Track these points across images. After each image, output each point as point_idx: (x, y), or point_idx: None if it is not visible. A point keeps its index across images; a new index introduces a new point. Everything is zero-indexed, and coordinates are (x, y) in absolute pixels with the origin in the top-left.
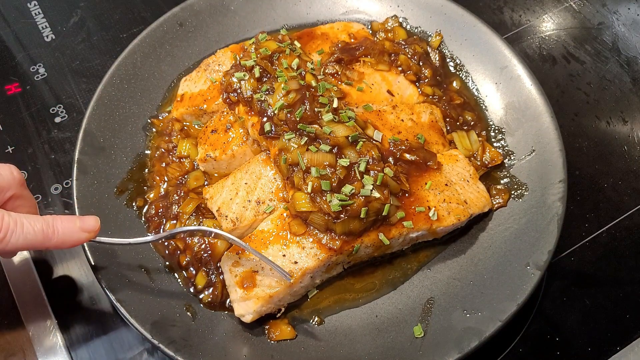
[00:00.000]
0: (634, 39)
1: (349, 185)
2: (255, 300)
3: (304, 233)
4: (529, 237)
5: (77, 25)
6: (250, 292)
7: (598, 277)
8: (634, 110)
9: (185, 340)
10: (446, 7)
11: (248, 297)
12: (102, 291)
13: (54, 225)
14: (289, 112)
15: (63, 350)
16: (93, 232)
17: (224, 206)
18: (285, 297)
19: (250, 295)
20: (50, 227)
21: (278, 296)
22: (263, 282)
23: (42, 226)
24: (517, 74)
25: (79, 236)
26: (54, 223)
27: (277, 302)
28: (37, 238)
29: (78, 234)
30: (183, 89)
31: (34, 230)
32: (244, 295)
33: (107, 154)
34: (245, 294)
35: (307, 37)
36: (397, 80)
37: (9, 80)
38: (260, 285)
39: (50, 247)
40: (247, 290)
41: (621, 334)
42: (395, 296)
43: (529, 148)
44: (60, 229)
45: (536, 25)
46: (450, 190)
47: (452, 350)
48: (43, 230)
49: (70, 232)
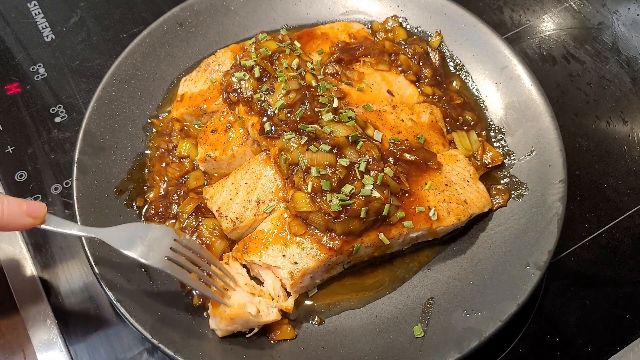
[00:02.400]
0: (634, 39)
1: (349, 185)
2: (220, 319)
3: (304, 233)
4: (529, 237)
5: (77, 25)
6: (217, 310)
7: (598, 277)
8: (634, 110)
9: (185, 340)
10: (446, 7)
11: (215, 314)
12: (102, 291)
13: (0, 205)
14: (289, 112)
15: (63, 350)
16: (38, 218)
17: (224, 206)
18: (249, 321)
19: (216, 313)
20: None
21: (240, 318)
22: (230, 300)
23: None
24: (517, 74)
25: (23, 220)
26: (1, 203)
27: (241, 323)
28: None
29: (23, 218)
30: (183, 89)
31: None
32: (213, 310)
33: (107, 154)
34: (214, 310)
35: (307, 37)
36: (397, 80)
37: (9, 80)
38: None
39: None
40: (216, 306)
41: (621, 334)
42: (395, 296)
43: (529, 148)
44: (6, 211)
45: (536, 25)
46: (450, 190)
47: (452, 350)
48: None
49: (16, 215)
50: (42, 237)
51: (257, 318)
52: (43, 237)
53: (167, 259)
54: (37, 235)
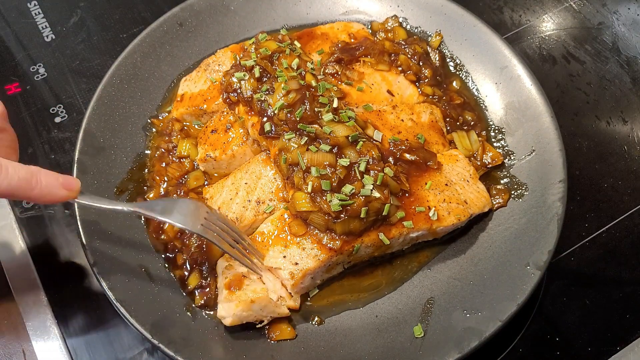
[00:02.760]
0: (634, 39)
1: (349, 185)
2: (237, 302)
3: (304, 234)
4: (529, 237)
5: (77, 25)
6: (233, 295)
7: (598, 277)
8: (634, 110)
9: (185, 340)
10: (446, 7)
11: (230, 299)
12: (102, 291)
13: (38, 176)
14: (289, 112)
15: (63, 350)
16: (73, 191)
17: (224, 206)
18: (267, 306)
19: (232, 298)
20: (35, 177)
21: (260, 303)
22: (249, 287)
23: (25, 174)
24: (517, 74)
25: (59, 192)
26: (39, 174)
27: (258, 310)
28: (21, 185)
29: (59, 189)
30: (183, 89)
31: (18, 177)
32: (228, 296)
33: (107, 154)
34: (229, 295)
35: (307, 37)
36: (397, 80)
37: (9, 80)
38: (246, 289)
39: (31, 197)
40: (231, 292)
41: (621, 334)
42: (395, 296)
43: (529, 148)
44: (43, 181)
45: (536, 25)
46: (450, 190)
47: (452, 350)
48: (27, 179)
49: (52, 186)
50: (43, 237)
51: (275, 307)
52: (43, 236)
53: (202, 227)
54: (38, 235)
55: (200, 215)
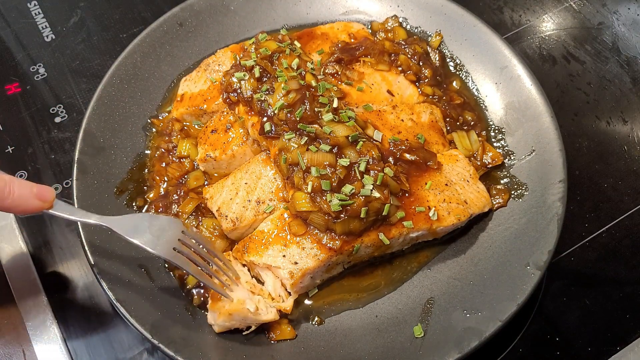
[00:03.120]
0: (634, 39)
1: (349, 185)
2: (219, 313)
3: (304, 233)
4: (529, 237)
5: (77, 25)
6: (217, 305)
7: (598, 277)
8: (634, 110)
9: (185, 340)
10: (446, 7)
11: (214, 309)
12: (102, 291)
13: (11, 186)
14: (289, 112)
15: (63, 350)
16: (47, 202)
17: (224, 206)
18: (247, 317)
19: (215, 308)
20: (8, 187)
21: (238, 314)
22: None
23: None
24: (517, 74)
25: (33, 203)
26: (12, 184)
27: (240, 319)
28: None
29: (32, 200)
30: (183, 89)
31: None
32: (212, 305)
33: (107, 154)
34: (213, 304)
35: (307, 37)
36: (397, 80)
37: (9, 80)
38: (224, 301)
39: (2, 207)
40: (215, 302)
41: (621, 334)
42: (395, 296)
43: (529, 148)
44: (16, 191)
45: (536, 25)
46: (450, 190)
47: (452, 350)
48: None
49: (25, 197)
50: (43, 237)
51: (255, 315)
52: (43, 237)
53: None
54: (38, 235)
55: (174, 236)
